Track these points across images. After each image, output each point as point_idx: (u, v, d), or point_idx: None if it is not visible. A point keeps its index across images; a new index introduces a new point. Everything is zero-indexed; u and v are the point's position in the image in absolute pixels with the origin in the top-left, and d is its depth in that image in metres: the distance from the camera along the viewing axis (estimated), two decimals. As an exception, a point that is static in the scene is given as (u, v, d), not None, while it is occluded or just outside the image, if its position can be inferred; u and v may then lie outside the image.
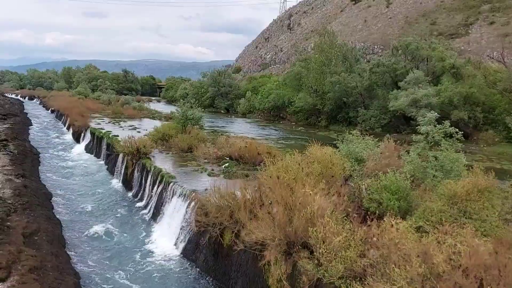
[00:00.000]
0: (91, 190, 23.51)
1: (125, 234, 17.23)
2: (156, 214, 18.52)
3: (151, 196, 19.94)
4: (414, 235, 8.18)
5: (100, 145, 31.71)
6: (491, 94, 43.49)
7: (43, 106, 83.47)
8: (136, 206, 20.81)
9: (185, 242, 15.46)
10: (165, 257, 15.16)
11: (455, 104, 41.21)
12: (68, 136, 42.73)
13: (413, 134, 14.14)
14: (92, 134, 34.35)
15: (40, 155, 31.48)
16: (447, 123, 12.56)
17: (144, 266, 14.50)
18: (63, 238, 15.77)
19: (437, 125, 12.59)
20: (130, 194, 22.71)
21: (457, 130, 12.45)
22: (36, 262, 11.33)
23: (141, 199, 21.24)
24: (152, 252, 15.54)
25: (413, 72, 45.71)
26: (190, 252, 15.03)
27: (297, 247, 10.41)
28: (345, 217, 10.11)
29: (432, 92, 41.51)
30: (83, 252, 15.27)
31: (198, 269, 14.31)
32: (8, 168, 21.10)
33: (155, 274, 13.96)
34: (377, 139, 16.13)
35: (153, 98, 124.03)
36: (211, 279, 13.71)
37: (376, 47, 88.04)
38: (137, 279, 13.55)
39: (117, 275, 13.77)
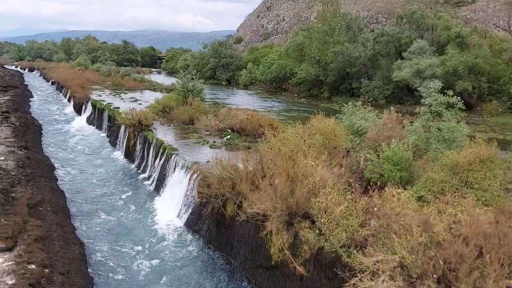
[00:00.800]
0: (93, 162, 23.65)
1: (128, 206, 17.42)
2: (159, 185, 18.68)
3: (154, 168, 20.05)
4: (415, 205, 8.23)
5: (101, 117, 31.65)
6: (496, 64, 42.89)
7: (43, 78, 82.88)
8: (139, 178, 20.96)
9: (188, 213, 15.64)
10: (169, 227, 15.37)
11: (460, 74, 40.70)
12: (69, 108, 42.62)
13: (417, 105, 14.04)
14: (93, 106, 34.23)
15: (42, 127, 31.51)
16: (450, 92, 12.42)
17: (148, 236, 14.73)
18: (67, 209, 15.96)
19: (440, 96, 12.47)
20: (132, 166, 22.83)
21: (458, 98, 12.33)
22: (41, 232, 11.51)
23: (143, 171, 21.38)
24: (156, 223, 15.76)
25: (417, 42, 44.93)
26: (193, 223, 15.23)
27: (298, 218, 10.52)
28: (346, 188, 10.16)
29: (436, 62, 40.91)
30: (87, 223, 15.49)
31: (201, 240, 14.54)
32: (10, 140, 21.14)
33: (159, 245, 14.20)
34: (379, 111, 16.03)
35: (154, 69, 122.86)
36: (214, 249, 13.94)
37: (380, 16, 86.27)
38: (141, 249, 13.79)
39: (121, 245, 14.02)
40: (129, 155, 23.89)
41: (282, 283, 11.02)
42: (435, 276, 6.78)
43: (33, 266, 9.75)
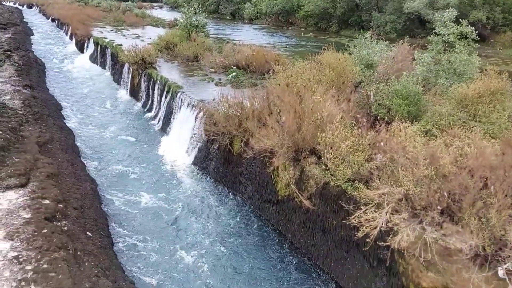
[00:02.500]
0: (99, 101, 23.60)
1: (136, 145, 17.63)
2: (166, 124, 18.75)
3: (160, 107, 20.02)
4: (422, 138, 8.21)
5: (104, 55, 31.10)
6: (513, -8, 40.69)
7: (43, 15, 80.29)
8: (145, 116, 21.01)
9: (195, 151, 15.83)
10: (177, 166, 15.64)
11: (475, 4, 38.80)
12: (71, 46, 41.76)
13: (429, 36, 13.52)
14: (96, 43, 33.49)
15: (45, 65, 31.12)
16: (464, 22, 11.88)
17: (156, 174, 15.03)
18: (76, 147, 16.20)
19: (454, 26, 11.96)
20: (138, 104, 22.78)
21: (472, 29, 11.85)
22: (53, 169, 11.78)
23: (149, 110, 21.37)
24: (164, 162, 16.01)
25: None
26: (200, 160, 15.46)
27: (305, 153, 10.61)
28: (353, 123, 10.12)
29: (451, -9, 38.82)
30: (96, 161, 15.79)
31: (209, 177, 14.84)
32: (14, 78, 20.97)
33: (168, 182, 14.53)
34: (390, 43, 15.52)
35: (155, 4, 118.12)
36: (222, 185, 14.26)
37: None
38: (151, 186, 14.14)
39: (130, 183, 14.37)
40: (134, 93, 23.75)
41: (289, 216, 11.38)
42: (439, 207, 6.92)
43: (47, 202, 10.09)
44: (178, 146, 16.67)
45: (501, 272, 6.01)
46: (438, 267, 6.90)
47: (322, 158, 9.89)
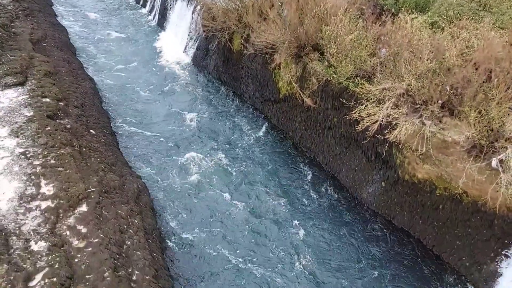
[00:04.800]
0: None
1: (132, 41, 17.07)
2: (162, 20, 17.92)
3: (154, 1, 18.98)
4: (428, 30, 7.85)
5: None
6: None
7: None
8: (140, 12, 20.03)
9: (194, 49, 15.36)
10: (177, 64, 15.29)
11: None
12: None
13: None
14: None
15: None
16: None
17: (156, 73, 14.79)
18: (72, 45, 15.67)
19: None
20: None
21: None
22: (50, 68, 11.52)
23: (144, 5, 20.31)
24: (163, 60, 15.62)
25: None
26: (200, 59, 15.06)
27: (307, 49, 10.27)
28: (359, 15, 9.62)
29: None
30: (93, 58, 15.41)
31: (209, 76, 14.59)
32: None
33: (168, 81, 14.32)
34: None
35: None
36: (222, 84, 14.10)
37: None
38: (150, 85, 13.99)
39: (128, 84, 14.19)
40: (126, -13, 22.30)
41: (290, 114, 11.43)
42: (440, 101, 6.88)
43: (47, 100, 10.07)
44: (177, 44, 16.16)
45: (494, 162, 6.18)
46: (433, 159, 7.09)
47: (325, 54, 9.61)
